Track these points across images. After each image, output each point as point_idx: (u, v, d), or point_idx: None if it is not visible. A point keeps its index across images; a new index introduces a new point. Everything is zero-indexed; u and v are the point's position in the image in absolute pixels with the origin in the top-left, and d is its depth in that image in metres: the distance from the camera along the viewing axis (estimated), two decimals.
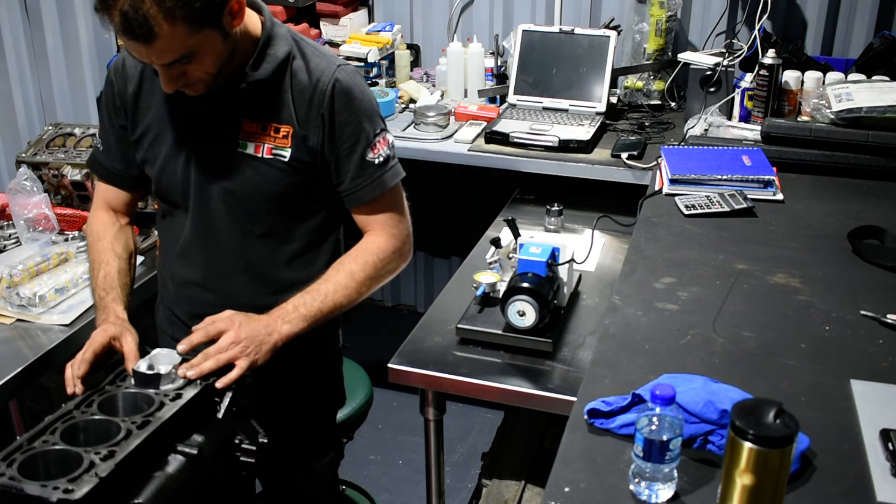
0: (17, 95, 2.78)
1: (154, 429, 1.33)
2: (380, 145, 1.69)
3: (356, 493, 2.80)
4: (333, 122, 1.63)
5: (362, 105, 1.65)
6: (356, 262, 1.69)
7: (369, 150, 1.67)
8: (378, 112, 1.70)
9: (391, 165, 1.72)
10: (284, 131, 1.63)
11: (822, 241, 1.89)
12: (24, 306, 1.95)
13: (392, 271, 1.75)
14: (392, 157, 1.73)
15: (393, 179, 1.72)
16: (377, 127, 1.68)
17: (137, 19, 1.38)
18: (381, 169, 1.69)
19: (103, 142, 1.79)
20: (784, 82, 2.64)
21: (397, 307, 3.99)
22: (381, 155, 1.69)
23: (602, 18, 3.17)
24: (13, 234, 2.21)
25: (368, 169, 1.68)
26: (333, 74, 1.62)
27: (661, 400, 1.11)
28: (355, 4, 3.44)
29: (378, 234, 1.73)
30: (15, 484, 1.20)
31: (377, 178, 1.69)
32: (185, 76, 1.52)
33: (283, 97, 1.63)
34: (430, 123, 2.85)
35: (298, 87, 1.62)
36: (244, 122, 1.64)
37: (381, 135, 1.69)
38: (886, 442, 1.22)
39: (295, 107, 1.63)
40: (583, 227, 2.42)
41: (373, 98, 1.69)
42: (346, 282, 1.67)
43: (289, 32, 1.66)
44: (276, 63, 1.61)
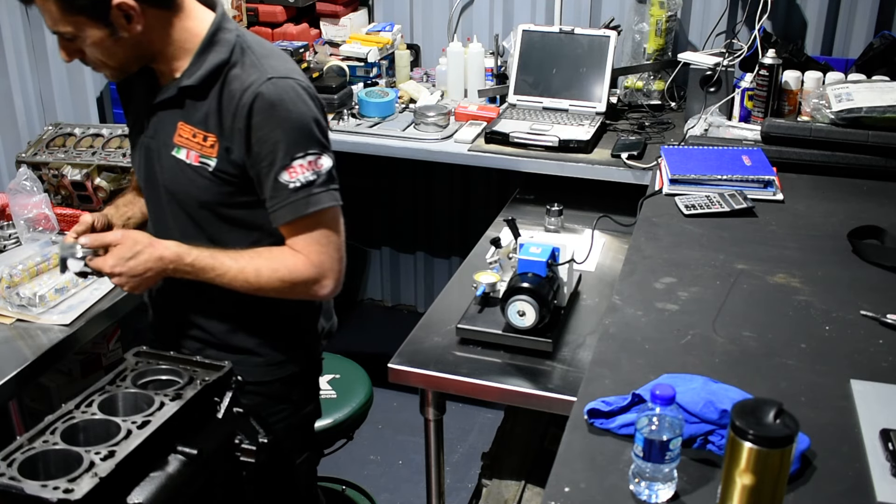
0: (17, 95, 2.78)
1: (154, 429, 1.32)
2: (300, 168, 1.56)
3: (356, 493, 2.80)
4: (251, 137, 1.56)
5: (286, 123, 1.55)
6: (268, 265, 1.62)
7: (284, 171, 1.56)
8: (309, 132, 1.58)
9: (312, 192, 1.58)
10: (211, 140, 1.60)
11: (822, 241, 1.89)
12: (24, 306, 1.95)
13: (298, 295, 1.66)
14: (316, 184, 1.58)
15: (308, 207, 1.58)
16: (300, 149, 1.56)
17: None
18: (296, 194, 1.57)
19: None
20: (784, 82, 2.64)
21: (397, 307, 3.99)
22: (299, 179, 1.56)
23: (602, 18, 3.17)
24: (13, 234, 2.21)
25: (282, 192, 1.57)
26: (259, 87, 1.54)
27: (661, 400, 1.11)
28: (355, 4, 3.44)
29: (299, 255, 1.63)
30: (15, 484, 1.20)
31: (291, 203, 1.58)
32: (81, 54, 1.57)
33: (213, 105, 1.59)
34: (430, 123, 2.85)
35: (228, 97, 1.57)
36: (180, 126, 1.63)
37: (304, 157, 1.57)
38: (886, 442, 1.22)
39: (222, 117, 1.58)
40: (583, 227, 2.42)
41: (304, 116, 1.58)
42: (249, 275, 1.62)
43: (237, 39, 1.61)
44: (207, 71, 1.57)
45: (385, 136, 2.86)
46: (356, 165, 3.61)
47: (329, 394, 2.43)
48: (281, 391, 1.80)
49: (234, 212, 1.66)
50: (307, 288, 1.65)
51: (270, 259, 1.63)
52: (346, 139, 2.86)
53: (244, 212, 1.66)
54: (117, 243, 1.60)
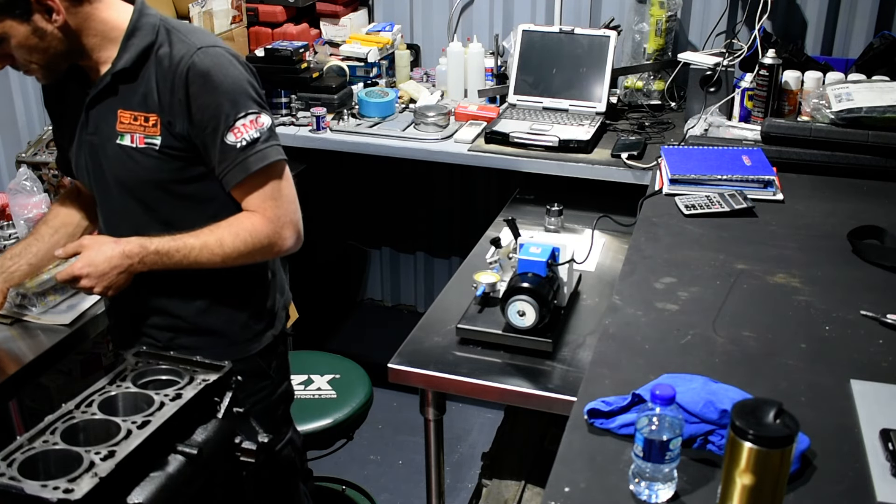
0: (17, 95, 2.77)
1: (154, 429, 1.32)
2: (243, 128, 1.62)
3: (356, 493, 2.81)
4: (191, 106, 1.62)
5: (222, 88, 1.61)
6: (229, 232, 1.67)
7: (229, 132, 1.62)
8: (246, 93, 1.64)
9: (258, 149, 1.64)
10: (153, 120, 1.65)
11: (822, 241, 1.89)
12: (24, 306, 1.95)
13: (264, 255, 1.72)
14: (260, 140, 1.65)
15: (258, 163, 1.64)
16: (241, 109, 1.63)
17: None
18: (245, 153, 1.63)
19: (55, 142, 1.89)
20: (784, 82, 2.64)
21: (397, 307, 3.99)
22: (244, 138, 1.63)
23: (602, 18, 3.17)
24: (13, 234, 2.21)
25: (230, 153, 1.63)
26: (190, 58, 1.61)
27: (661, 400, 1.11)
28: (355, 4, 3.45)
29: (255, 214, 1.68)
30: (15, 484, 1.20)
31: (240, 162, 1.64)
32: (10, 59, 1.59)
33: (148, 86, 1.64)
34: (430, 123, 2.85)
35: (161, 75, 1.63)
36: (120, 113, 1.67)
37: (245, 117, 1.63)
38: (886, 442, 1.22)
39: (159, 94, 1.63)
40: (583, 227, 2.42)
41: (239, 79, 1.64)
42: (213, 247, 1.66)
43: (160, 22, 1.67)
44: (136, 52, 1.63)
45: (385, 136, 2.86)
46: (356, 165, 3.62)
47: (329, 394, 2.43)
48: (259, 366, 1.86)
49: (188, 187, 1.70)
50: (271, 244, 1.69)
51: (230, 226, 1.67)
52: (346, 139, 2.86)
53: (197, 185, 1.70)
54: (82, 248, 1.64)
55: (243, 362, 1.81)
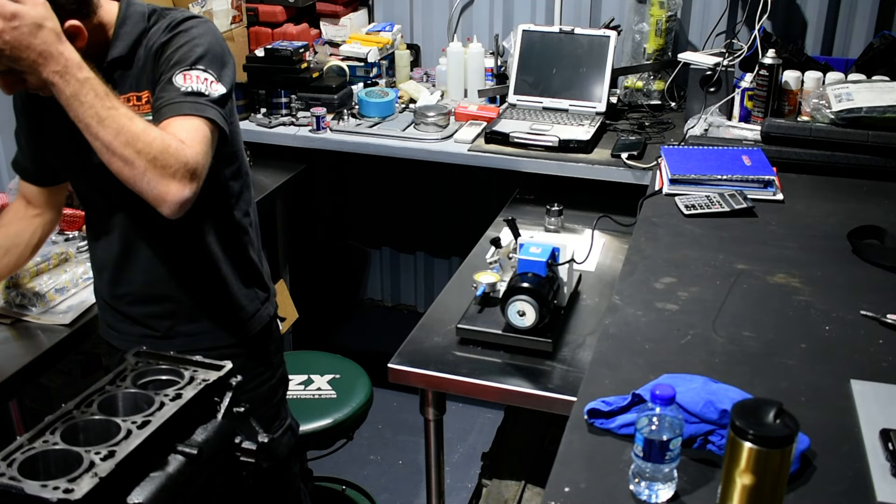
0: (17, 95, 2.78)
1: (154, 429, 1.32)
2: (194, 77, 1.57)
3: (356, 493, 2.81)
4: (164, 52, 1.61)
5: (194, 42, 1.60)
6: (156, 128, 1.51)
7: (180, 75, 1.56)
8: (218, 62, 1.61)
9: (200, 102, 1.56)
10: (146, 96, 1.64)
11: (822, 241, 1.89)
12: (24, 306, 1.95)
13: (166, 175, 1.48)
14: (204, 97, 1.56)
15: (190, 110, 1.54)
16: (202, 65, 1.58)
17: None
18: (187, 97, 1.55)
19: (18, 144, 1.84)
20: (784, 82, 2.64)
21: (397, 307, 3.99)
22: (190, 86, 1.56)
23: (602, 18, 3.17)
24: None
25: (171, 91, 1.56)
26: (176, 20, 1.63)
27: (661, 400, 1.11)
28: (355, 4, 3.45)
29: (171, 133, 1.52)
30: (15, 484, 1.20)
31: (175, 102, 1.54)
32: (24, 83, 1.53)
33: (138, 65, 1.64)
34: (430, 123, 2.85)
35: (147, 51, 1.63)
36: None
37: (204, 73, 1.58)
38: (886, 442, 1.22)
39: (146, 68, 1.64)
40: (583, 227, 2.42)
41: (216, 49, 1.62)
42: (137, 125, 1.47)
43: (147, 9, 1.67)
44: (130, 40, 1.63)
45: (385, 136, 2.86)
46: (356, 165, 3.62)
47: (329, 394, 2.43)
48: (260, 349, 1.88)
49: None
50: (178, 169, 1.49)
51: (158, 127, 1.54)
52: (346, 139, 2.86)
53: None
54: None
55: (244, 346, 1.85)
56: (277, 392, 1.96)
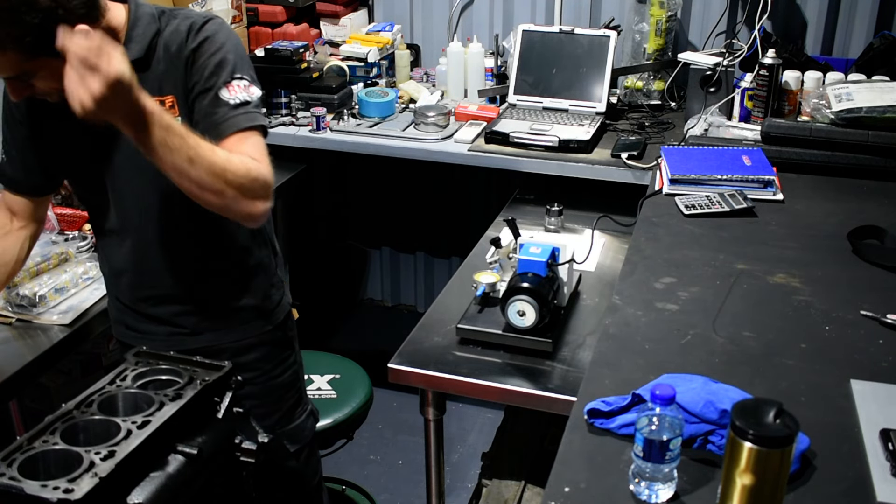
0: None
1: (154, 429, 1.32)
2: (238, 88, 1.62)
3: (356, 493, 2.81)
4: (196, 61, 1.62)
5: (225, 48, 1.63)
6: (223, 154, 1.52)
7: (225, 88, 1.61)
8: (245, 60, 1.67)
9: (247, 110, 1.62)
10: (169, 101, 1.64)
11: (822, 241, 1.89)
12: (24, 306, 1.95)
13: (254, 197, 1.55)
14: (250, 104, 1.62)
15: (245, 122, 1.60)
16: (238, 71, 1.64)
17: None
18: (236, 110, 1.61)
19: (5, 152, 1.81)
20: (784, 82, 2.64)
21: (397, 307, 3.99)
22: (237, 97, 1.62)
23: (602, 18, 3.17)
24: None
25: (222, 107, 1.61)
26: (201, 21, 1.63)
27: (661, 400, 1.11)
28: (355, 4, 3.45)
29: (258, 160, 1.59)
30: (15, 484, 1.20)
31: (233, 118, 1.60)
32: (31, 88, 1.54)
33: (159, 69, 1.64)
34: (430, 123, 2.85)
35: (170, 52, 1.63)
36: None
37: (242, 80, 1.64)
38: (886, 442, 1.22)
39: (171, 72, 1.63)
40: (583, 227, 2.42)
41: (240, 50, 1.67)
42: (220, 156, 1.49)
43: (155, 9, 1.67)
44: (144, 42, 1.62)
45: (385, 136, 2.86)
46: (356, 165, 3.62)
47: (329, 394, 2.43)
48: (284, 336, 1.91)
49: None
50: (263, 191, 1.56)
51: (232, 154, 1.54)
52: (346, 139, 2.86)
53: None
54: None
55: (270, 333, 1.87)
56: (299, 376, 2.00)
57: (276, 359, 1.91)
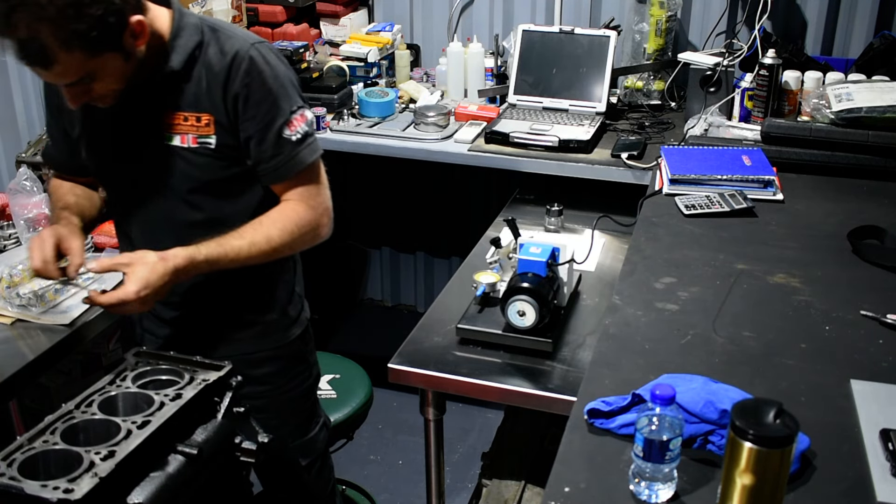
0: (17, 95, 2.77)
1: (154, 429, 1.32)
2: (297, 122, 1.67)
3: (356, 493, 2.80)
4: (249, 100, 1.63)
5: (277, 82, 1.64)
6: (275, 227, 1.69)
7: (286, 127, 1.66)
8: (295, 88, 1.69)
9: (309, 142, 1.70)
10: (206, 119, 1.64)
11: (822, 241, 1.89)
12: (24, 306, 1.95)
13: (307, 243, 1.75)
14: (310, 135, 1.71)
15: (311, 156, 1.70)
16: (294, 104, 1.67)
17: (34, 47, 1.41)
18: (298, 146, 1.68)
19: (50, 136, 1.85)
20: (784, 82, 2.64)
21: (397, 307, 3.99)
22: (298, 132, 1.67)
23: (602, 18, 3.17)
24: (13, 234, 2.21)
25: (286, 146, 1.66)
26: (246, 54, 1.62)
27: (661, 400, 1.11)
28: (355, 4, 3.44)
29: (298, 204, 1.72)
30: (15, 484, 1.20)
31: (296, 155, 1.68)
32: (89, 92, 1.54)
33: (199, 85, 1.63)
34: (430, 123, 2.85)
35: (213, 73, 1.62)
36: (167, 115, 1.65)
37: (298, 112, 1.67)
38: (886, 442, 1.22)
39: (212, 93, 1.63)
40: (583, 227, 2.42)
41: (290, 75, 1.69)
42: (262, 245, 1.67)
43: (200, 21, 1.66)
44: (186, 53, 1.62)
45: (385, 136, 2.86)
46: (356, 165, 3.62)
47: (329, 394, 2.43)
48: (299, 350, 1.93)
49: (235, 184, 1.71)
50: (313, 233, 1.73)
51: (274, 221, 1.69)
52: (346, 139, 2.86)
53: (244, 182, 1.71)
54: (129, 266, 1.57)
55: (285, 347, 1.89)
56: (314, 390, 2.01)
57: (289, 373, 1.91)
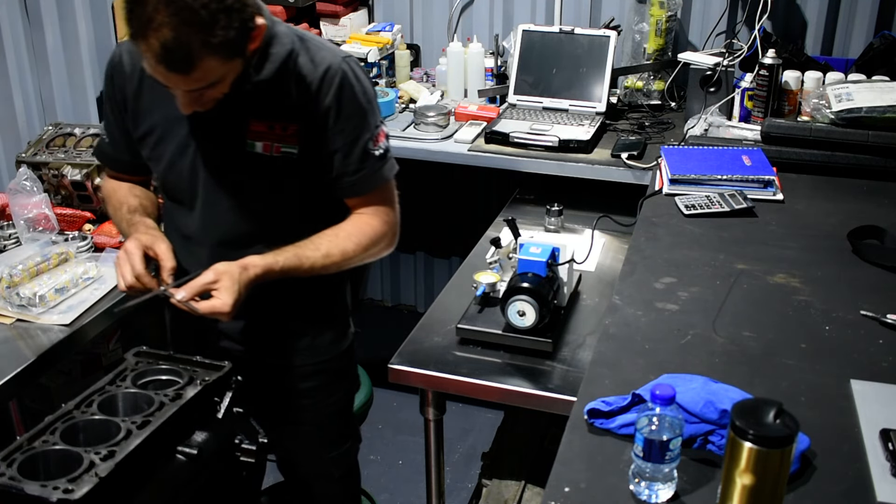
0: (17, 95, 2.77)
1: (154, 429, 1.33)
2: (380, 138, 1.71)
3: None
4: (339, 114, 1.63)
5: (366, 97, 1.67)
6: (350, 241, 1.71)
7: (371, 142, 1.68)
8: (377, 103, 1.72)
9: (389, 158, 1.75)
10: (292, 129, 1.63)
11: (822, 241, 1.89)
12: (24, 306, 1.95)
13: (377, 255, 1.79)
14: (389, 150, 1.76)
15: (390, 172, 1.76)
16: (377, 120, 1.70)
17: (180, 51, 1.39)
18: (381, 161, 1.72)
19: (108, 134, 1.82)
20: (784, 82, 2.64)
21: (397, 307, 3.99)
22: (381, 147, 1.72)
23: (602, 18, 3.17)
24: (13, 234, 2.21)
25: (370, 160, 1.70)
26: (339, 68, 1.63)
27: (661, 400, 1.11)
28: (355, 4, 3.44)
29: (375, 219, 1.76)
30: (15, 484, 1.20)
31: (378, 170, 1.72)
32: (201, 97, 1.53)
33: (288, 95, 1.62)
34: (430, 123, 2.85)
35: (304, 83, 1.62)
36: (251, 123, 1.64)
37: (380, 127, 1.71)
38: (886, 442, 1.22)
39: (301, 103, 1.62)
40: (583, 227, 2.42)
41: (373, 91, 1.71)
42: (336, 258, 1.69)
43: (290, 30, 1.65)
44: (278, 62, 1.60)
45: None
46: None
47: None
48: (341, 365, 1.93)
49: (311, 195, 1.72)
50: (382, 249, 1.78)
51: (349, 235, 1.72)
52: None
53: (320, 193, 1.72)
54: (216, 282, 1.57)
55: (331, 362, 1.89)
56: (351, 404, 2.02)
57: (331, 388, 1.91)
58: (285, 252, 1.65)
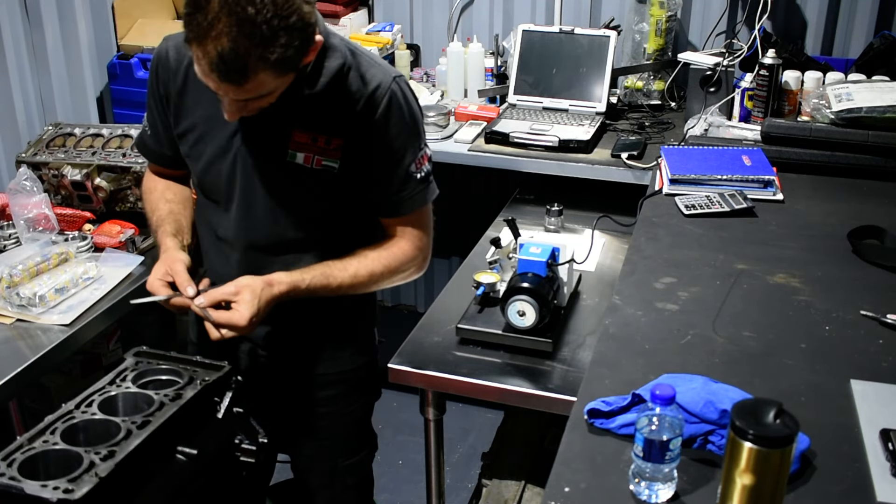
0: (17, 95, 2.77)
1: (154, 429, 1.33)
2: (423, 161, 1.69)
3: None
4: (387, 133, 1.61)
5: (413, 119, 1.64)
6: (379, 263, 1.69)
7: (413, 164, 1.66)
8: (422, 124, 1.70)
9: (430, 182, 1.72)
10: (336, 143, 1.61)
11: (822, 241, 1.89)
12: (24, 306, 1.95)
13: (405, 279, 1.76)
14: (431, 174, 1.72)
15: (430, 196, 1.73)
16: (422, 142, 1.68)
17: (236, 63, 1.36)
18: (423, 184, 1.69)
19: (151, 127, 1.80)
20: (784, 82, 2.64)
21: (397, 307, 3.99)
22: (423, 170, 1.69)
23: (602, 18, 3.17)
24: (13, 234, 2.21)
25: (411, 183, 1.67)
26: (389, 87, 1.60)
27: (661, 400, 1.11)
28: (355, 4, 3.44)
29: (407, 242, 1.72)
30: (15, 484, 1.20)
31: (418, 193, 1.69)
32: (247, 105, 1.51)
33: (335, 109, 1.60)
34: (430, 123, 2.85)
35: (352, 99, 1.59)
36: (295, 133, 1.61)
37: (424, 150, 1.69)
38: (886, 442, 1.22)
39: (347, 118, 1.60)
40: (583, 227, 2.42)
41: (418, 112, 1.68)
42: (363, 279, 1.68)
43: (343, 42, 1.62)
44: (330, 76, 1.58)
45: None
46: None
47: None
48: (363, 375, 1.89)
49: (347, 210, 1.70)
50: (411, 273, 1.75)
51: (379, 258, 1.69)
52: None
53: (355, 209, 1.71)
54: (237, 294, 1.57)
55: (351, 372, 1.85)
56: (370, 414, 1.99)
57: (351, 397, 1.88)
58: (313, 270, 1.64)
